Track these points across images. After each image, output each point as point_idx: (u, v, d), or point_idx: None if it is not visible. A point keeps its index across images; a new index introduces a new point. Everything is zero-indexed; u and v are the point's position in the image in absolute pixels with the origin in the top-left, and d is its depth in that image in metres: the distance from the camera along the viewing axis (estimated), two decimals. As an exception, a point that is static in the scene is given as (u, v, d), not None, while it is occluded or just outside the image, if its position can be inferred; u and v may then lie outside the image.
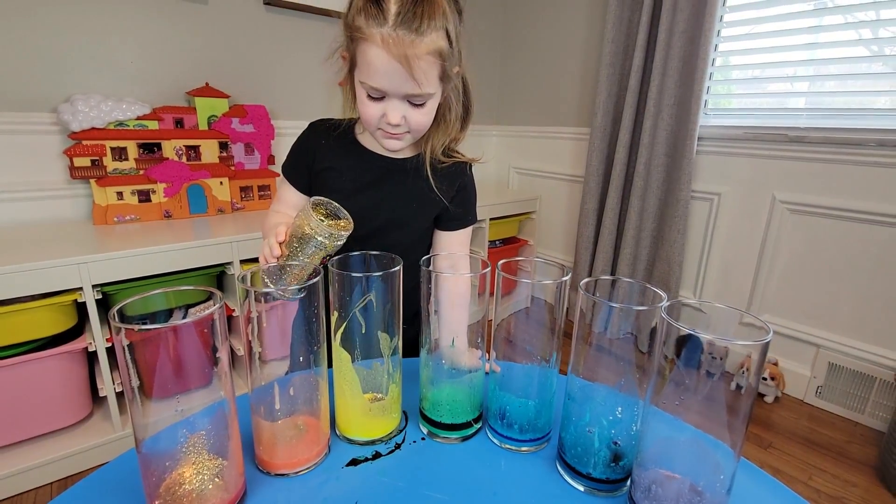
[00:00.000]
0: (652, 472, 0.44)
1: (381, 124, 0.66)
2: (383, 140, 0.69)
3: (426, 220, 0.78)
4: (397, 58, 0.58)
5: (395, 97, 0.63)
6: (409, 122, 0.65)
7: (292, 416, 0.51)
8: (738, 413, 0.39)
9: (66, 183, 1.40)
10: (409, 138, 0.69)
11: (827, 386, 1.62)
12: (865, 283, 1.51)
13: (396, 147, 0.70)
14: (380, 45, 0.58)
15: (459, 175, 0.77)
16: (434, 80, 0.62)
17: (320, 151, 0.76)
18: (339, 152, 0.75)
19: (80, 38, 1.37)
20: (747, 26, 1.67)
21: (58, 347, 1.13)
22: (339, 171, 0.75)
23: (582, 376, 0.48)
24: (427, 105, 0.65)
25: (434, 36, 0.58)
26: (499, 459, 0.52)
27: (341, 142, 0.76)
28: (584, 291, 0.46)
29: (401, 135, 0.67)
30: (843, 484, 1.29)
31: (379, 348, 0.52)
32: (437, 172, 0.74)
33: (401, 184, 0.75)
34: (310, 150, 0.77)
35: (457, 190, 0.77)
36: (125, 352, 0.36)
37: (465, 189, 0.79)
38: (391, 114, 0.63)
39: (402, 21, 0.57)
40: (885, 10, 1.43)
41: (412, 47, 0.57)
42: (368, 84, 0.62)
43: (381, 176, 0.75)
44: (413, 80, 0.60)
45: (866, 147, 1.44)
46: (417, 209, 0.76)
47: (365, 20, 0.58)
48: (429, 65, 0.60)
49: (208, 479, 0.43)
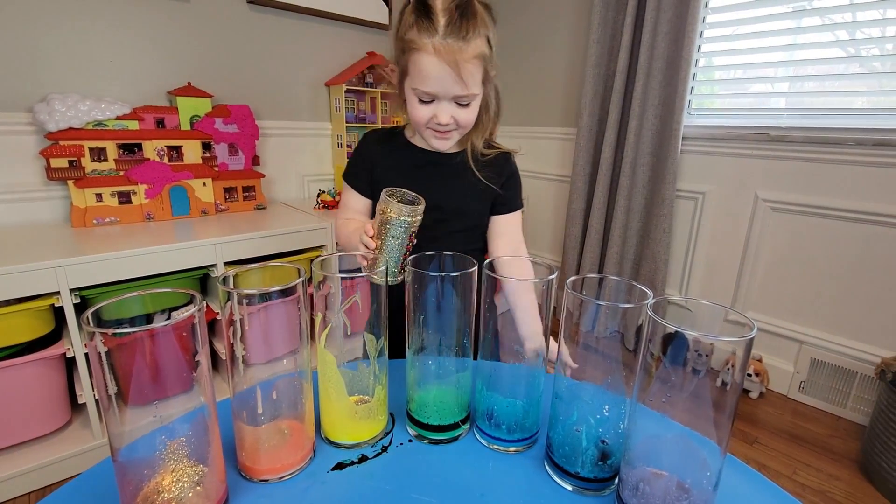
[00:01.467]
0: (639, 470, 0.44)
1: (430, 125, 0.74)
2: (432, 140, 0.77)
3: (481, 205, 0.85)
4: (448, 63, 0.66)
5: (444, 99, 0.71)
6: (456, 121, 0.73)
7: (276, 420, 0.50)
8: (724, 409, 0.39)
9: (43, 184, 1.36)
10: (455, 136, 0.77)
11: (810, 381, 1.65)
12: (846, 279, 1.54)
13: (445, 146, 0.78)
14: (432, 54, 0.66)
15: (505, 163, 0.85)
16: (478, 81, 0.71)
17: (378, 156, 0.85)
18: (395, 154, 0.85)
19: (57, 35, 1.34)
20: (729, 28, 1.70)
21: (35, 353, 1.10)
22: (397, 170, 0.83)
23: (569, 375, 0.48)
24: (472, 104, 0.72)
25: (478, 42, 0.67)
26: (487, 460, 0.51)
27: (395, 145, 0.85)
28: (570, 290, 0.45)
29: (449, 132, 0.75)
30: (827, 478, 1.32)
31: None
32: (483, 163, 0.82)
33: (453, 176, 0.82)
34: (368, 156, 0.86)
35: (506, 177, 0.84)
36: (100, 357, 0.35)
37: (513, 176, 0.86)
38: (441, 114, 0.71)
39: (451, 31, 0.65)
40: (862, 12, 1.46)
41: (460, 53, 0.66)
42: (420, 89, 0.70)
43: (434, 171, 0.83)
44: (462, 83, 0.68)
45: (845, 146, 1.47)
46: (470, 197, 0.83)
47: (417, 33, 0.67)
48: (475, 67, 0.68)
49: (188, 486, 0.42)
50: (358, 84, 1.91)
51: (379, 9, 2.00)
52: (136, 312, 0.42)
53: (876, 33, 1.48)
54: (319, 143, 1.98)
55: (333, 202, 1.75)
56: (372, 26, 2.00)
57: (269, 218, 1.58)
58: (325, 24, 1.87)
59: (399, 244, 0.64)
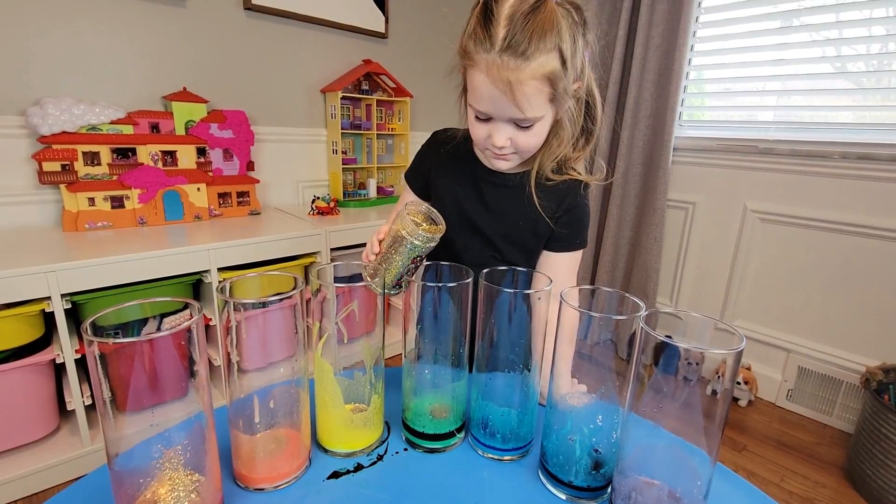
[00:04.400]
0: (632, 479, 0.44)
1: (487, 145, 0.66)
2: (491, 160, 0.70)
3: (532, 236, 0.75)
4: (500, 84, 0.57)
5: (501, 120, 0.63)
6: (515, 144, 0.65)
7: (272, 428, 0.50)
8: (714, 418, 0.40)
9: (35, 188, 1.35)
10: (516, 158, 0.69)
11: (797, 389, 1.67)
12: (832, 289, 1.57)
13: (503, 167, 0.70)
14: (483, 72, 0.58)
15: (569, 194, 0.73)
16: (541, 103, 0.60)
17: (437, 160, 0.80)
18: (454, 162, 0.78)
19: (52, 38, 1.33)
20: (719, 42, 1.74)
21: (24, 359, 1.08)
22: (451, 180, 0.78)
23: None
24: (535, 127, 0.63)
25: (543, 59, 0.56)
26: (481, 469, 0.52)
27: (458, 152, 0.78)
28: (565, 301, 0.46)
29: (507, 155, 0.67)
30: (814, 485, 1.33)
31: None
32: (544, 189, 0.72)
33: (508, 199, 0.74)
34: (428, 159, 0.82)
35: (565, 210, 0.73)
36: (97, 364, 0.35)
37: (573, 210, 0.74)
38: (496, 136, 0.63)
39: (508, 45, 0.56)
40: (848, 29, 1.50)
41: (516, 72, 0.56)
42: (475, 107, 0.63)
43: (490, 190, 0.75)
44: (516, 106, 0.59)
45: (830, 159, 1.50)
46: (523, 225, 0.74)
47: (474, 45, 0.59)
48: (535, 90, 0.58)
49: (184, 495, 0.42)
50: (354, 91, 1.92)
51: (375, 17, 2.01)
52: (131, 318, 0.42)
53: (861, 49, 1.52)
54: (315, 150, 1.98)
55: (328, 208, 1.75)
56: (368, 34, 2.02)
57: (263, 223, 1.58)
58: (321, 32, 1.88)
59: (401, 261, 0.60)
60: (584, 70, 0.63)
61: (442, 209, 0.71)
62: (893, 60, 1.47)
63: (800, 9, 1.54)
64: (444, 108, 2.44)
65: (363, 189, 2.07)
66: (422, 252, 0.59)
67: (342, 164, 1.93)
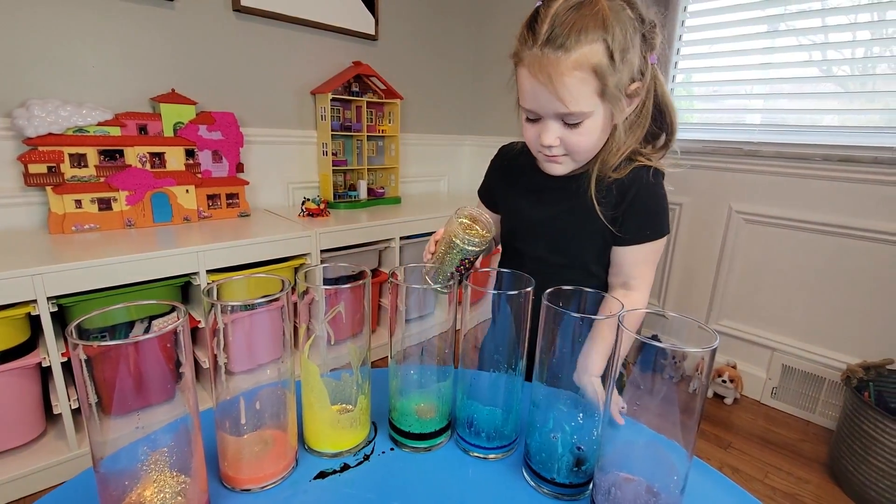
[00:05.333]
0: (611, 475, 0.45)
1: (538, 147, 0.65)
2: (545, 164, 0.69)
3: (590, 241, 0.72)
4: (541, 77, 0.57)
5: (549, 118, 0.62)
6: (565, 145, 0.63)
7: (258, 429, 0.50)
8: (692, 414, 0.41)
9: (20, 190, 1.34)
10: (569, 162, 0.66)
11: (781, 387, 1.70)
12: (815, 289, 1.60)
13: (557, 171, 0.68)
14: (527, 67, 0.59)
15: (634, 183, 0.67)
16: (587, 97, 0.58)
17: (501, 172, 0.83)
18: (516, 173, 0.79)
19: (37, 40, 1.32)
20: (706, 45, 1.76)
21: (9, 363, 1.07)
22: (514, 189, 0.79)
23: (546, 383, 0.49)
24: (585, 125, 0.61)
25: (586, 50, 0.55)
26: (467, 468, 0.53)
27: (519, 163, 0.78)
28: (547, 301, 0.47)
29: (558, 157, 0.65)
30: (797, 481, 1.36)
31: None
32: (606, 188, 0.68)
33: (565, 204, 0.72)
34: (493, 172, 0.85)
35: (629, 202, 0.68)
36: (83, 367, 0.35)
37: (636, 201, 0.68)
38: (544, 135, 0.62)
39: (548, 39, 0.56)
40: (834, 34, 1.52)
41: (556, 65, 0.56)
42: (523, 107, 0.63)
43: (548, 197, 0.74)
44: (558, 99, 0.58)
45: (812, 161, 1.53)
46: (577, 231, 0.72)
47: (520, 45, 0.60)
48: (578, 81, 0.57)
49: (170, 497, 0.42)
50: (344, 93, 1.92)
51: (365, 19, 2.02)
52: (118, 321, 0.43)
53: (847, 53, 1.56)
54: (305, 151, 1.98)
55: (318, 210, 1.75)
56: (358, 36, 2.02)
57: (252, 225, 1.57)
58: (311, 34, 1.88)
59: (450, 261, 0.63)
60: (647, 72, 0.62)
61: (509, 219, 0.75)
62: (878, 64, 1.50)
63: (784, 13, 1.57)
64: (435, 110, 2.46)
65: (354, 190, 2.07)
66: (469, 255, 0.61)
67: (332, 165, 1.93)
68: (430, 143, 2.47)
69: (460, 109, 2.59)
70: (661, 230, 0.69)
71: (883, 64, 1.49)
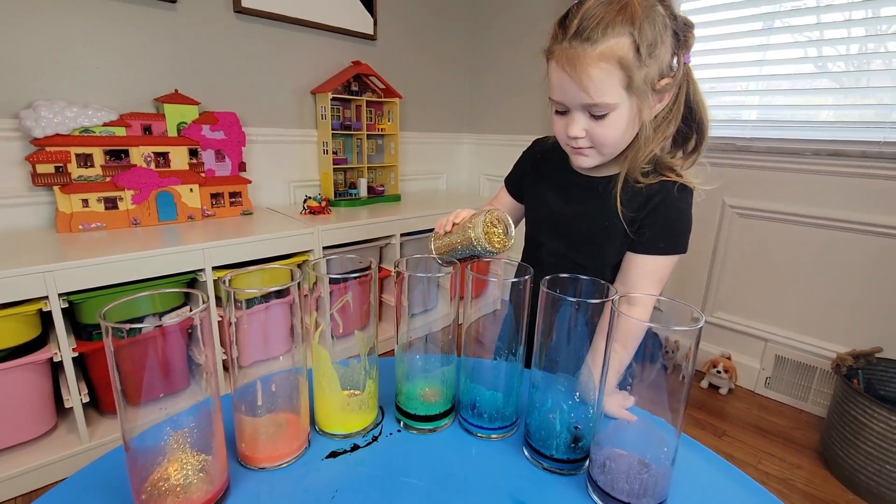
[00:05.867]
0: (606, 450, 0.49)
1: (566, 139, 0.67)
2: (573, 157, 0.70)
3: (614, 241, 0.72)
4: (567, 68, 0.59)
5: (576, 110, 0.63)
6: (591, 137, 0.64)
7: (273, 412, 0.53)
8: (679, 395, 0.44)
9: (28, 190, 1.36)
10: (595, 154, 0.67)
11: (774, 377, 1.74)
12: (806, 281, 1.64)
13: (585, 164, 0.69)
14: (556, 59, 0.61)
15: (659, 194, 0.67)
16: (613, 89, 0.59)
17: (532, 164, 0.84)
18: (548, 168, 0.80)
19: (44, 42, 1.34)
20: (699, 43, 1.79)
21: (22, 358, 1.10)
22: (543, 182, 0.80)
23: (544, 368, 0.52)
24: (611, 117, 0.62)
25: (612, 43, 0.57)
26: (470, 447, 0.55)
27: (552, 158, 0.80)
28: (545, 288, 0.50)
29: (585, 149, 0.66)
30: (790, 467, 1.40)
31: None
32: (631, 192, 0.68)
33: (592, 202, 0.73)
34: (524, 164, 0.86)
35: (650, 210, 0.68)
36: (113, 356, 0.38)
37: (658, 209, 0.68)
38: (571, 126, 0.64)
39: (577, 32, 0.58)
40: (831, 31, 1.54)
41: (582, 56, 0.58)
42: (552, 99, 0.65)
43: (577, 194, 0.75)
44: (583, 90, 0.60)
45: (803, 156, 1.57)
46: (602, 230, 0.72)
47: (551, 41, 0.63)
48: (604, 72, 0.58)
49: (193, 473, 0.45)
50: (343, 92, 1.95)
51: (364, 19, 2.04)
52: (139, 313, 0.45)
53: (841, 50, 1.57)
54: (306, 150, 2.00)
55: (319, 207, 1.78)
56: (357, 36, 2.04)
57: (255, 223, 1.60)
58: (311, 34, 1.91)
59: (458, 250, 0.62)
60: (680, 70, 0.63)
61: (533, 210, 0.76)
62: (872, 60, 1.52)
63: (781, 11, 1.60)
64: (433, 109, 2.48)
65: (354, 188, 2.10)
66: (476, 254, 0.61)
67: (333, 164, 1.96)
68: (428, 142, 2.50)
69: (458, 108, 2.62)
70: (677, 247, 0.69)
71: (877, 60, 1.50)
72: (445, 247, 0.62)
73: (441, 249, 0.60)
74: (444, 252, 0.61)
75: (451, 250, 0.63)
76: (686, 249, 0.70)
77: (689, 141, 0.70)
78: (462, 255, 0.64)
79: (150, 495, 0.42)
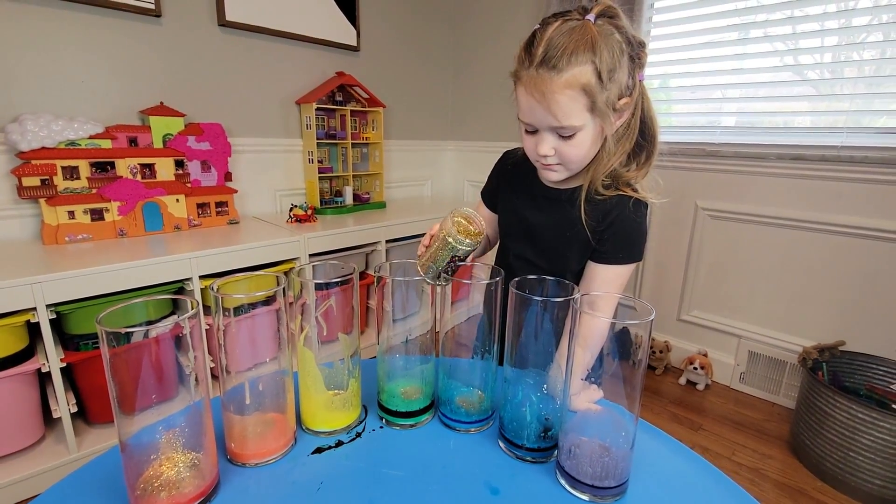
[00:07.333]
0: (571, 436, 0.53)
1: (536, 156, 0.72)
2: (541, 172, 0.76)
3: (577, 250, 0.78)
4: (535, 95, 0.64)
5: (545, 130, 0.68)
6: (560, 155, 0.69)
7: (261, 411, 0.56)
8: (634, 382, 0.49)
9: (14, 203, 1.37)
10: (563, 170, 0.73)
11: (748, 372, 1.81)
12: (775, 279, 1.71)
13: (552, 178, 0.75)
14: (524, 85, 0.66)
15: (615, 208, 0.74)
16: (578, 112, 0.65)
17: (504, 176, 0.88)
18: (518, 179, 0.85)
19: (28, 56, 1.36)
20: (666, 54, 1.87)
21: (9, 369, 1.11)
22: (513, 193, 0.85)
23: (515, 364, 0.57)
24: (577, 137, 0.67)
25: (576, 70, 0.62)
26: (448, 440, 0.59)
27: (522, 170, 0.84)
28: (514, 289, 0.54)
29: (553, 166, 0.72)
30: (762, 457, 1.46)
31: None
32: (594, 203, 0.74)
33: (557, 213, 0.78)
34: (496, 176, 0.91)
35: (608, 224, 0.74)
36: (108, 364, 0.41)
37: (616, 223, 0.74)
38: (540, 145, 0.69)
39: (543, 61, 0.63)
40: (806, 40, 1.61)
41: (549, 84, 0.63)
42: (522, 120, 0.70)
43: (544, 204, 0.81)
44: (551, 115, 0.65)
45: (768, 160, 1.65)
46: (566, 239, 0.78)
47: (518, 65, 0.67)
48: (569, 98, 0.63)
49: (185, 469, 0.48)
50: (328, 102, 1.98)
51: (347, 31, 2.08)
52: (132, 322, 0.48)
53: (817, 58, 1.62)
54: (291, 159, 2.03)
55: (305, 216, 1.80)
56: (340, 47, 2.09)
57: (242, 232, 1.62)
58: (295, 46, 1.94)
59: (441, 258, 0.65)
60: (636, 89, 0.68)
61: (504, 218, 0.80)
62: (844, 68, 1.57)
63: (751, 22, 1.68)
64: (417, 117, 2.53)
65: (340, 197, 2.13)
66: (460, 253, 0.64)
67: (318, 172, 1.99)
68: (412, 149, 2.54)
69: (441, 116, 2.67)
70: (633, 256, 0.76)
71: (850, 67, 1.55)
72: (429, 260, 0.66)
73: (426, 265, 0.63)
74: (430, 264, 0.65)
75: (434, 260, 0.66)
76: (641, 258, 0.78)
77: (642, 152, 0.76)
78: (445, 260, 0.66)
79: (144, 491, 0.45)
